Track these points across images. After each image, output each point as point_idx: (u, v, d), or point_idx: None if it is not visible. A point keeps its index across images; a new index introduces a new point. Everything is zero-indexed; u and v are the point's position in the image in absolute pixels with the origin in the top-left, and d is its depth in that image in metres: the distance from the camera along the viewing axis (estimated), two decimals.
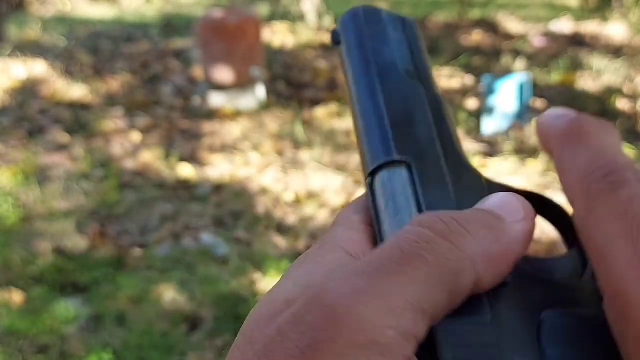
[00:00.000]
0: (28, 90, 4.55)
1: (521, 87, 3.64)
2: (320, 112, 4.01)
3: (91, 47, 5.66)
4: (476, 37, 5.67)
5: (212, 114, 4.05)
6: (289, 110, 4.05)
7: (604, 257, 0.24)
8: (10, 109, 4.24)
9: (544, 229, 0.35)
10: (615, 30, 5.72)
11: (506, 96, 3.62)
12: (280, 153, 3.47)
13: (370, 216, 0.31)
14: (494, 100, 3.63)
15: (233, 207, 2.90)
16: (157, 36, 6.07)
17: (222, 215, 2.83)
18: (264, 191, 3.03)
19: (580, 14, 6.46)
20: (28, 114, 4.10)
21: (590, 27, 5.86)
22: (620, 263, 0.23)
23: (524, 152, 3.37)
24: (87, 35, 6.20)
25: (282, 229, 2.70)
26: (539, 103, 4.01)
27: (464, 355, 0.25)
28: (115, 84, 4.67)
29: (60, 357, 2.00)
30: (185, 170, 3.26)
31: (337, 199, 2.91)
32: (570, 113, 0.30)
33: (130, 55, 5.39)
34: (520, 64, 4.82)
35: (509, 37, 5.67)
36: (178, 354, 2.01)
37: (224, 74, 4.11)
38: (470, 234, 0.26)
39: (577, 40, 5.47)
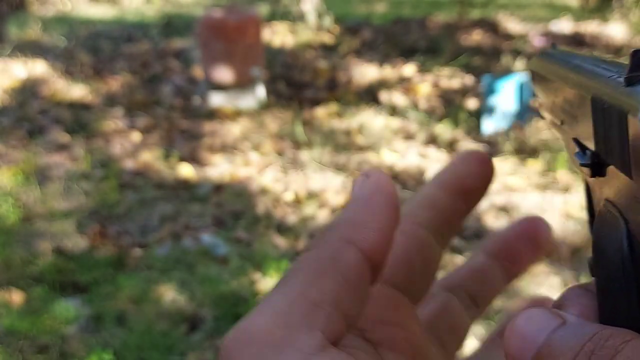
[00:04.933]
0: (28, 90, 4.55)
1: (521, 87, 3.64)
2: (320, 112, 4.00)
3: (91, 47, 5.66)
4: (476, 37, 5.67)
5: (212, 114, 4.05)
6: (289, 110, 4.05)
7: None
8: (10, 109, 4.24)
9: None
10: (615, 30, 5.72)
11: (506, 96, 3.62)
12: (280, 153, 3.47)
13: None
14: (494, 100, 3.63)
15: (233, 207, 2.90)
16: (157, 36, 6.08)
17: (222, 215, 2.83)
18: (264, 191, 3.03)
19: (580, 14, 6.46)
20: (28, 114, 4.10)
21: (590, 27, 5.86)
22: None
23: (524, 152, 3.37)
24: (87, 35, 6.20)
25: (282, 229, 2.70)
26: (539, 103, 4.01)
27: None
28: (115, 84, 4.67)
29: (60, 357, 2.00)
30: (185, 170, 3.26)
31: (337, 199, 2.91)
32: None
33: (130, 55, 5.39)
34: (520, 64, 4.81)
35: (509, 37, 5.67)
36: (178, 354, 2.01)
37: (224, 74, 4.11)
38: None
39: (577, 40, 5.47)
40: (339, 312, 0.27)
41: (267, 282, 2.32)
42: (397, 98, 4.23)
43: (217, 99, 4.16)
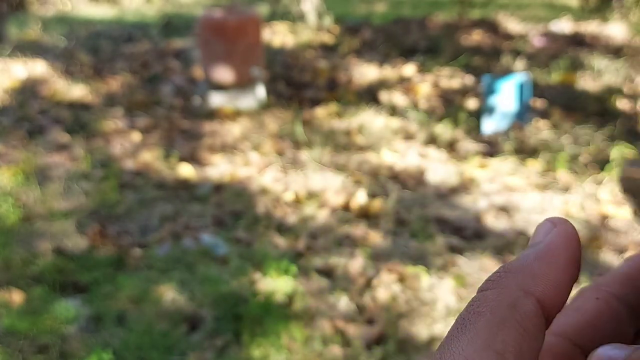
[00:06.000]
0: (28, 90, 4.55)
1: (521, 87, 3.64)
2: (320, 112, 4.01)
3: (91, 47, 5.66)
4: (476, 37, 5.67)
5: (212, 114, 4.05)
6: (289, 110, 4.05)
7: None
8: (10, 109, 4.24)
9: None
10: (615, 30, 5.71)
11: (506, 96, 3.62)
12: (280, 153, 3.47)
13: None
14: (494, 100, 3.63)
15: (233, 207, 2.90)
16: (157, 36, 6.08)
17: (222, 215, 2.83)
18: (264, 191, 3.03)
19: (580, 14, 6.46)
20: (28, 114, 4.10)
21: (590, 27, 5.86)
22: None
23: (523, 152, 3.37)
24: (87, 35, 6.20)
25: (282, 229, 2.70)
26: (539, 103, 4.01)
27: None
28: (115, 84, 4.67)
29: (60, 357, 2.00)
30: (185, 170, 3.26)
31: (337, 199, 2.91)
32: None
33: (130, 55, 5.39)
34: (520, 64, 4.81)
35: (509, 37, 5.67)
36: (178, 354, 2.01)
37: (224, 74, 4.11)
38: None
39: (577, 40, 5.47)
40: None
41: (267, 282, 2.32)
42: (397, 98, 4.23)
43: (217, 99, 4.16)
